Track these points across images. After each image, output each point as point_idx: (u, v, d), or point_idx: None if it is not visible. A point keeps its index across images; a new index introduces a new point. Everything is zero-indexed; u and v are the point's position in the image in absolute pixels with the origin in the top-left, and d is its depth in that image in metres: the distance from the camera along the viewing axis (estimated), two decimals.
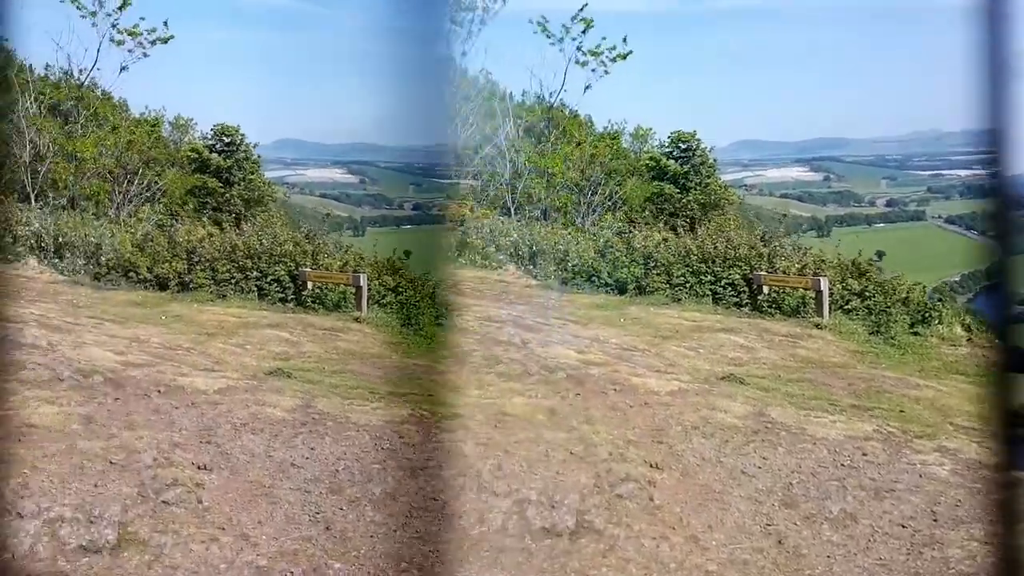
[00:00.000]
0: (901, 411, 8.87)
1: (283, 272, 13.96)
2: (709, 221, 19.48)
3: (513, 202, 19.10)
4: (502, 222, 17.64)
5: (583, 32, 19.62)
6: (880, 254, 26.37)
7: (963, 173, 29.76)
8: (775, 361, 10.72)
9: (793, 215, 30.53)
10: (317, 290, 13.56)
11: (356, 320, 12.56)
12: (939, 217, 28.96)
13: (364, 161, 24.51)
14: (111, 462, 6.62)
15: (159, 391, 8.34)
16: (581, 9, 19.32)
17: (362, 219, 23.03)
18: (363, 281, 12.85)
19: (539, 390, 8.27)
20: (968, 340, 12.35)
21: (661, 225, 18.68)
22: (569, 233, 16.79)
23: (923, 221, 29.01)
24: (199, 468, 6.59)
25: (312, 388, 8.72)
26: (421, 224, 22.99)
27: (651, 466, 6.69)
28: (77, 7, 17.23)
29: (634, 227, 18.85)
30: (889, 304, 12.82)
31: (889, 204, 29.90)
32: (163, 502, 6.10)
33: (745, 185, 28.18)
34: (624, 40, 19.81)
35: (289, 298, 13.66)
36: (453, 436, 7.16)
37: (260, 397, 8.32)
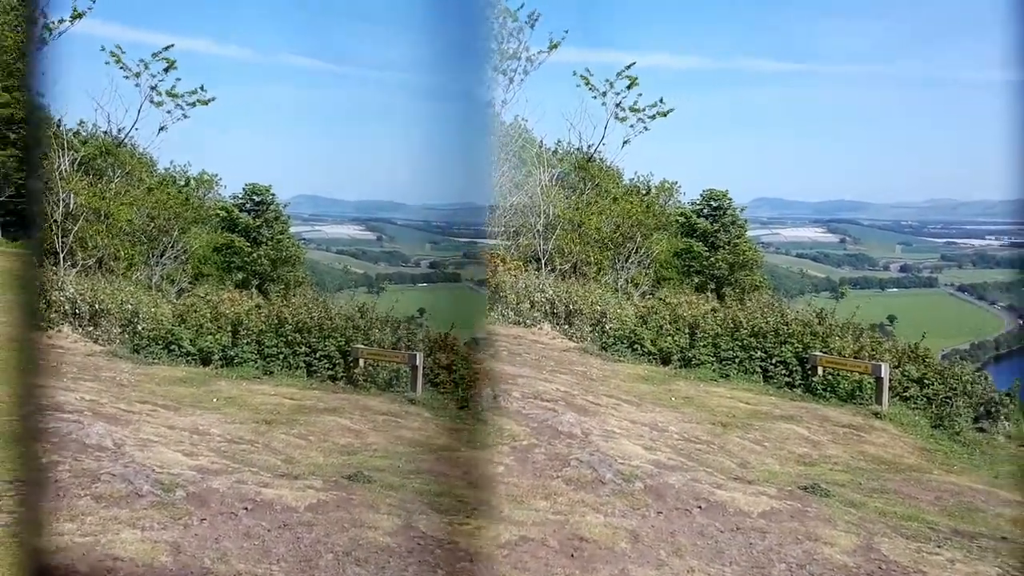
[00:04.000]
0: (1004, 538, 7.50)
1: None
2: (736, 282, 18.18)
3: (544, 254, 17.77)
4: (536, 276, 16.30)
5: (627, 88, 18.41)
6: (892, 319, 24.99)
7: (977, 243, 28.47)
8: (847, 461, 9.32)
9: (808, 275, 29.22)
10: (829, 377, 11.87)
11: (876, 415, 11.12)
12: (951, 285, 27.62)
13: (382, 218, 23.20)
14: None
15: (245, 507, 7.03)
16: (628, 67, 18.12)
17: (378, 276, 21.70)
18: (884, 372, 11.30)
19: (616, 505, 6.86)
20: None
21: (688, 285, 17.38)
22: (607, 293, 15.44)
23: (935, 288, 27.67)
24: None
25: None
26: (438, 282, 21.66)
27: None
28: (120, 67, 16.09)
29: (661, 285, 17.55)
30: (950, 395, 11.46)
31: (903, 269, 28.59)
32: None
33: (762, 243, 26.92)
34: (661, 100, 18.69)
35: None
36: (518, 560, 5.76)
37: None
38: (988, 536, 7.42)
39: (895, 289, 27.77)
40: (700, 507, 6.90)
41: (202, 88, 16.82)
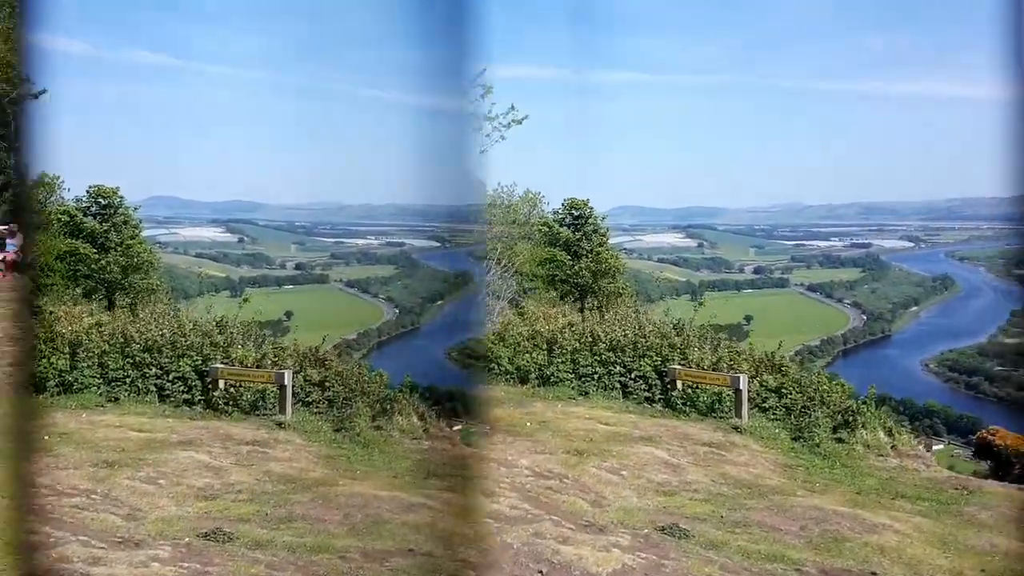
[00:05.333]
0: (873, 573, 6.55)
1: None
2: (600, 289, 17.21)
3: None
4: None
5: (482, 97, 17.12)
6: (749, 319, 24.73)
7: (823, 244, 28.70)
8: (708, 487, 8.25)
9: (669, 279, 28.78)
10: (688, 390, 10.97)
11: (736, 430, 10.23)
12: (801, 284, 27.71)
13: (243, 219, 21.25)
14: None
15: None
16: (480, 74, 16.84)
17: (240, 279, 19.71)
18: (742, 384, 10.44)
19: None
20: (892, 448, 10.30)
21: (552, 295, 16.30)
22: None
23: (787, 288, 27.70)
24: None
25: None
26: (305, 284, 19.90)
27: None
28: None
29: (526, 295, 16.44)
30: (808, 404, 10.66)
31: (757, 271, 28.55)
32: None
33: (625, 249, 26.39)
34: (512, 107, 17.54)
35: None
36: None
37: None
38: (857, 574, 6.45)
39: (750, 290, 27.64)
40: (541, 572, 5.58)
41: (28, 79, 14.60)
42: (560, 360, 11.64)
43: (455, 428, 10.30)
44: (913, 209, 27.90)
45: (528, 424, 9.75)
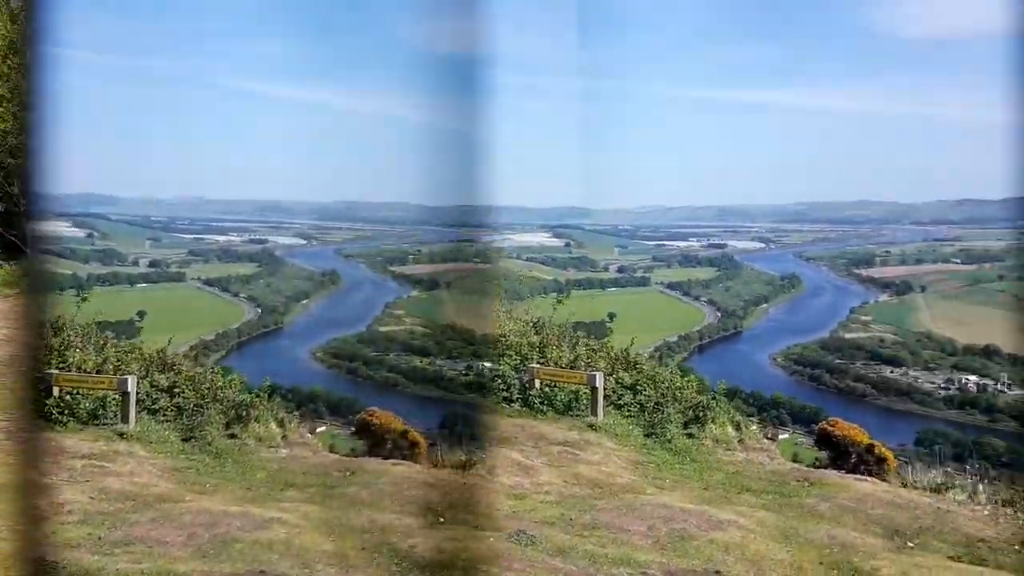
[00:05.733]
0: (717, 572, 6.45)
1: None
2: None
3: None
4: None
5: None
6: (612, 316, 25.02)
7: (682, 244, 29.48)
8: (559, 488, 8.01)
9: (537, 277, 28.80)
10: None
11: (591, 428, 9.99)
12: (661, 283, 28.31)
13: (94, 214, 19.57)
14: None
15: None
16: None
17: (89, 276, 18.10)
18: (598, 381, 10.37)
19: None
20: (740, 441, 10.42)
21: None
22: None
23: (648, 287, 28.24)
24: None
25: None
26: (159, 282, 18.53)
27: None
28: None
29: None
30: (661, 400, 10.64)
31: (620, 270, 28.98)
32: None
33: (497, 248, 26.24)
34: None
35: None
36: None
37: None
38: (701, 573, 6.31)
39: (614, 288, 27.98)
40: None
41: None
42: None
43: (318, 431, 9.68)
44: (764, 212, 29.00)
45: None
